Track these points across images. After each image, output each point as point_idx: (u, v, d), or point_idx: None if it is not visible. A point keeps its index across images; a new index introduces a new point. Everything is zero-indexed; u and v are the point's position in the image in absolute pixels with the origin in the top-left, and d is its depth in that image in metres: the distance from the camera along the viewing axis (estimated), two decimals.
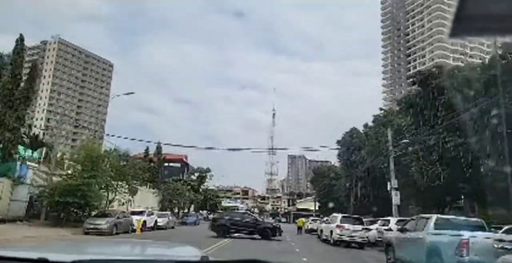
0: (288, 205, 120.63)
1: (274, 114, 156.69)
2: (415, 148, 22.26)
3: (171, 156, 65.97)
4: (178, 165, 73.54)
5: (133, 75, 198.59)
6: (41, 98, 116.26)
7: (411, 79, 30.39)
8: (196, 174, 63.12)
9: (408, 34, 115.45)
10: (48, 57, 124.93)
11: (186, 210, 57.14)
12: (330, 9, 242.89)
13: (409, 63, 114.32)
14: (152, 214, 29.61)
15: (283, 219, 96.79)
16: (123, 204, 28.88)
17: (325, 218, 28.55)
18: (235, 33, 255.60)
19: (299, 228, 37.35)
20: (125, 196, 29.31)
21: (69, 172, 24.61)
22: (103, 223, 20.68)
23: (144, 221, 26.33)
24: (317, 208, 67.28)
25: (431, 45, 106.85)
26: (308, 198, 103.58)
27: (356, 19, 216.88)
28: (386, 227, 20.43)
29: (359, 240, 20.77)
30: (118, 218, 22.30)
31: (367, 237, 20.89)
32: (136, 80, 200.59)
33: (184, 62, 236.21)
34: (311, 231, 36.82)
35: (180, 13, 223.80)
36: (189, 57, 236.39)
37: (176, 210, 52.54)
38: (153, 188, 48.41)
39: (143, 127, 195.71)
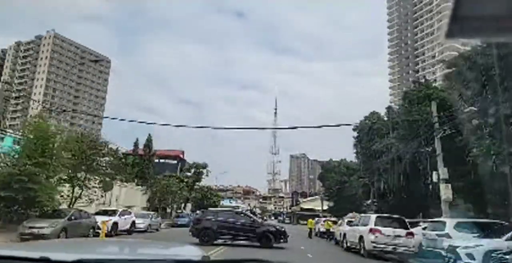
0: (292, 205, 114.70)
1: (276, 112, 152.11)
2: (480, 122, 16.30)
3: (167, 152, 61.70)
4: (175, 161, 69.44)
5: (133, 75, 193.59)
6: (35, 94, 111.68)
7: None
8: (192, 170, 57.36)
9: (416, 27, 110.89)
10: (43, 52, 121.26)
11: (180, 210, 51.57)
12: (330, 9, 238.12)
13: (417, 57, 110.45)
14: (128, 213, 23.69)
15: (287, 220, 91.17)
16: (91, 201, 23.01)
17: (346, 219, 22.67)
18: (235, 33, 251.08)
19: (310, 230, 31.78)
20: (95, 192, 23.54)
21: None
22: (45, 226, 14.95)
23: (115, 223, 20.67)
24: (325, 207, 61.48)
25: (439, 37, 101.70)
26: (311, 198, 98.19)
27: (356, 19, 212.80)
28: (439, 232, 14.56)
29: (402, 249, 14.90)
30: (70, 219, 16.49)
31: (413, 247, 15.02)
32: (136, 80, 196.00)
33: (184, 62, 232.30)
34: (322, 234, 31.29)
35: (180, 13, 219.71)
36: (189, 57, 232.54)
37: (169, 210, 47.18)
38: (142, 185, 42.95)
39: (143, 127, 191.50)
